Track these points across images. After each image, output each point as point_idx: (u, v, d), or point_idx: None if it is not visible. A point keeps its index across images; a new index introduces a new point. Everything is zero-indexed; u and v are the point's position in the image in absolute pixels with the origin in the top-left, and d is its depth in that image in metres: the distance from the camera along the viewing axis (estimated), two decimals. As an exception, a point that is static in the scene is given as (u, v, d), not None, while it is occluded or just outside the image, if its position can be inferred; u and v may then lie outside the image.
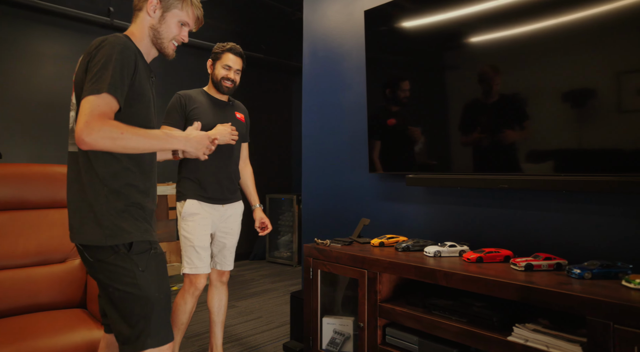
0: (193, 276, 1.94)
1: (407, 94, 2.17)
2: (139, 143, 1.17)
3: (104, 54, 1.17)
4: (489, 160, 1.83)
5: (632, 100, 1.47)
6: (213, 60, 2.08)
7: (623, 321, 1.15)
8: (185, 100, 2.01)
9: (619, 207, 1.56)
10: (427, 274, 1.61)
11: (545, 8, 1.64)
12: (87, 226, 1.20)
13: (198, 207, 1.97)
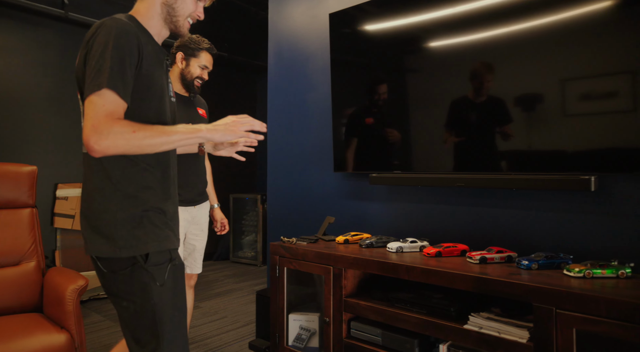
0: None
1: (371, 96, 2.24)
2: (155, 140, 1.03)
3: (100, 42, 1.03)
4: (447, 161, 1.94)
5: (574, 106, 1.61)
6: (187, 55, 1.94)
7: (564, 306, 1.27)
8: None
9: (562, 204, 1.70)
10: (390, 269, 1.69)
11: (496, 18, 1.76)
12: (99, 235, 1.07)
13: None
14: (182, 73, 1.95)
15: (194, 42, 1.94)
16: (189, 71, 1.94)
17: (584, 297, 1.24)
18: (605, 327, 1.20)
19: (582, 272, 1.39)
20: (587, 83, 1.57)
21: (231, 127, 1.16)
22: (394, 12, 2.09)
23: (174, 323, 1.11)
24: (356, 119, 2.30)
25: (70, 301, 1.59)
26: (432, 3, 1.94)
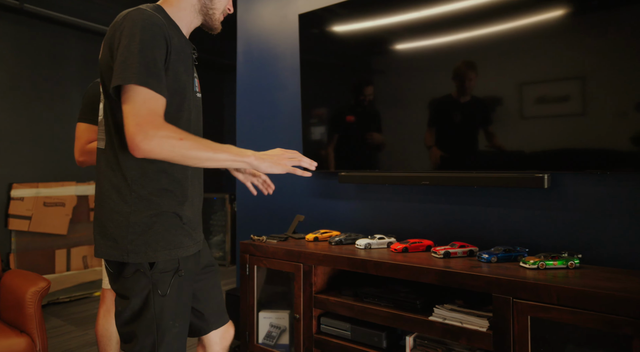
0: None
1: (340, 96, 2.29)
2: (201, 154, 0.98)
3: (127, 35, 0.97)
4: (413, 160, 2.01)
5: (530, 109, 1.71)
6: None
7: (520, 295, 1.36)
8: None
9: (519, 201, 1.81)
10: (359, 265, 1.73)
11: (458, 24, 1.84)
12: (107, 238, 1.04)
13: None
14: None
15: None
16: None
17: (537, 286, 1.33)
18: (556, 314, 1.30)
19: (536, 263, 1.49)
20: (542, 87, 1.68)
21: (279, 161, 1.11)
22: (362, 14, 2.14)
23: (172, 334, 1.06)
24: (326, 119, 2.34)
25: (30, 303, 1.53)
26: (397, 7, 2.01)
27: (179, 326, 1.09)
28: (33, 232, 3.57)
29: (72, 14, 3.86)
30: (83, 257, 3.88)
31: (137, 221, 1.03)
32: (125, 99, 0.95)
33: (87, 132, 1.66)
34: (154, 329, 1.03)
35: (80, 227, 3.90)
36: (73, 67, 4.00)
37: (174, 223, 1.07)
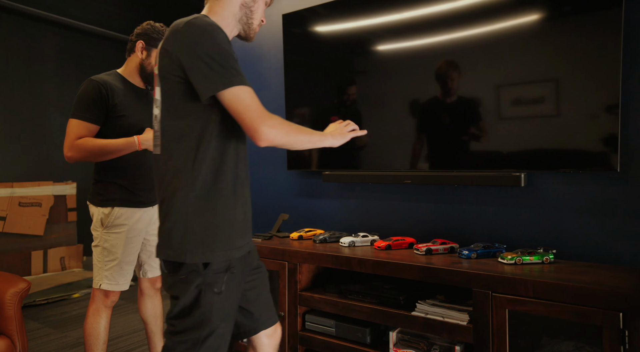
0: (112, 292, 1.74)
1: (323, 95, 2.32)
2: (302, 137, 1.12)
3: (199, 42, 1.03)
4: (395, 159, 2.05)
5: (508, 110, 1.78)
6: (148, 45, 1.78)
7: (498, 289, 1.41)
8: (107, 91, 1.69)
9: (497, 199, 1.87)
10: (343, 262, 1.76)
11: (437, 26, 1.89)
12: (167, 238, 1.08)
13: (127, 217, 1.74)
14: (141, 64, 1.80)
15: (157, 32, 1.80)
16: (149, 63, 1.79)
17: (515, 281, 1.39)
18: (532, 306, 1.35)
19: (514, 259, 1.55)
20: (518, 89, 1.74)
21: (343, 134, 1.29)
22: (345, 15, 2.17)
23: (217, 334, 1.09)
24: (309, 118, 2.37)
25: (10, 305, 1.51)
26: (379, 8, 2.05)
27: (224, 326, 1.11)
28: (8, 233, 3.47)
29: (49, 10, 3.77)
30: (61, 259, 3.79)
31: (199, 222, 1.07)
32: (232, 100, 1.04)
33: (77, 128, 1.67)
34: (201, 327, 1.07)
35: (57, 228, 3.81)
36: (49, 64, 3.90)
37: (230, 224, 1.11)
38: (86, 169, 4.08)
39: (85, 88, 1.71)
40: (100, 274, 1.73)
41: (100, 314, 1.75)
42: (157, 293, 1.97)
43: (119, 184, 1.75)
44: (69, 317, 2.96)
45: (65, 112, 3.96)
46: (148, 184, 1.83)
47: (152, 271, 1.93)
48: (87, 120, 1.67)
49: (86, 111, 1.68)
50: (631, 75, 1.59)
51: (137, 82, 1.85)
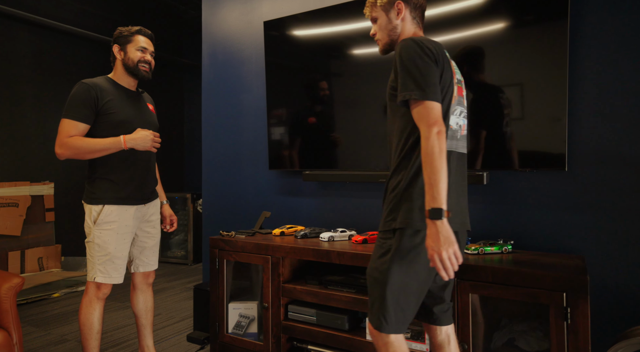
0: (104, 285, 1.83)
1: (304, 99, 2.45)
2: None
3: None
4: (370, 159, 2.21)
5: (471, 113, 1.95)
6: (121, 44, 1.89)
7: (463, 276, 1.58)
8: (96, 92, 1.78)
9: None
10: (323, 255, 1.90)
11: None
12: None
13: (117, 214, 1.82)
14: (124, 63, 1.89)
15: (125, 30, 1.91)
16: (129, 58, 1.88)
17: (477, 268, 1.56)
18: (491, 291, 1.53)
19: (477, 249, 1.72)
20: (482, 93, 1.92)
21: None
22: (323, 22, 2.31)
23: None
24: (290, 120, 2.49)
25: (6, 299, 1.57)
26: (352, 16, 2.20)
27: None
28: (-15, 233, 3.44)
29: (23, 9, 3.75)
30: (38, 259, 3.78)
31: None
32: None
33: (68, 127, 1.76)
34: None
35: (34, 228, 3.80)
36: (25, 63, 3.88)
37: None
38: (64, 169, 4.07)
39: (75, 90, 1.81)
40: (93, 268, 1.82)
41: (93, 305, 1.84)
42: (149, 288, 2.05)
43: (111, 180, 1.83)
44: (50, 315, 2.99)
45: (42, 112, 3.95)
46: (140, 182, 1.91)
47: (144, 266, 2.01)
48: (77, 120, 1.77)
49: (76, 111, 1.77)
50: (577, 85, 1.80)
51: (127, 84, 1.94)
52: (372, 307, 1.30)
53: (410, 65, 1.22)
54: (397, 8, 1.40)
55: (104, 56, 4.39)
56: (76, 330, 2.71)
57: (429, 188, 1.16)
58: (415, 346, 1.71)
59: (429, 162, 1.16)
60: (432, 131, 1.17)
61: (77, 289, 3.66)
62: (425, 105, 1.20)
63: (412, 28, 1.42)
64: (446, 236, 1.14)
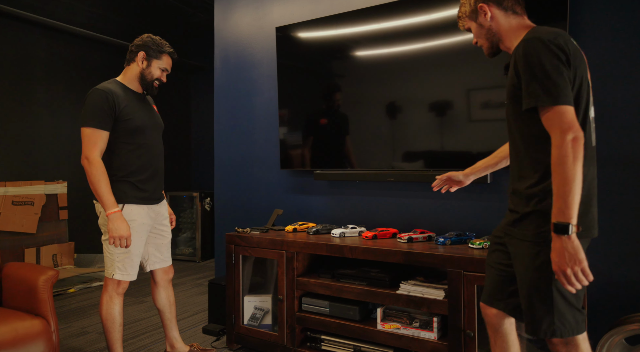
0: (123, 281, 1.90)
1: (314, 101, 2.56)
2: None
3: None
4: (380, 159, 2.32)
5: (477, 113, 2.07)
6: (149, 55, 1.93)
7: (469, 269, 1.70)
8: (113, 99, 1.83)
9: (468, 193, 2.16)
10: (336, 250, 2.02)
11: (413, 35, 2.17)
12: None
13: (136, 213, 1.89)
14: (142, 73, 1.95)
15: (157, 44, 1.95)
16: (149, 72, 1.94)
17: (481, 261, 1.68)
18: (496, 281, 1.64)
19: (481, 244, 1.84)
20: (487, 93, 2.04)
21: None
22: (332, 27, 2.43)
23: None
24: (301, 122, 2.61)
25: (43, 289, 1.68)
26: (360, 21, 2.31)
27: None
28: (1, 231, 3.55)
29: (37, 12, 3.86)
30: (53, 256, 3.89)
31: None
32: None
33: (93, 136, 1.81)
34: None
35: (49, 226, 3.91)
36: (39, 66, 3.98)
37: None
38: (76, 169, 4.17)
39: (92, 97, 1.84)
40: (112, 265, 1.89)
41: (113, 300, 1.92)
42: (170, 283, 2.13)
43: (130, 182, 1.91)
44: (68, 310, 3.10)
45: (55, 113, 4.06)
46: (156, 183, 2.01)
47: (161, 262, 2.08)
48: (100, 128, 1.81)
49: (98, 119, 1.81)
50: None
51: (135, 88, 1.98)
52: None
53: (536, 67, 1.13)
54: (482, 11, 1.33)
55: (112, 57, 4.50)
56: (95, 323, 2.82)
57: (558, 200, 1.09)
58: (424, 334, 1.83)
59: (560, 171, 1.08)
60: (566, 138, 1.09)
61: (91, 285, 3.77)
62: (556, 110, 1.11)
63: (510, 21, 1.32)
64: (572, 252, 1.08)
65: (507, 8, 1.32)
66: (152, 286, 2.13)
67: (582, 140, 1.09)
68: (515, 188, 1.28)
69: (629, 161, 1.83)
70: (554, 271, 1.11)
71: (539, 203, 1.19)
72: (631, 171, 1.83)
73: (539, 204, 1.19)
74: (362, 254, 1.95)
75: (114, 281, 1.91)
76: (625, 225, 1.84)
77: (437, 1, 2.12)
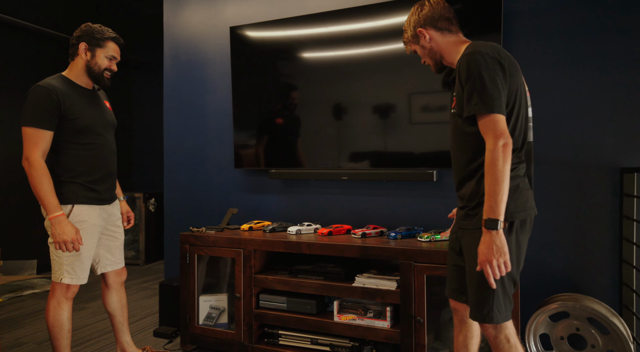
0: (72, 285, 1.81)
1: (268, 100, 2.60)
2: None
3: None
4: (333, 158, 2.41)
5: (418, 116, 2.23)
6: (91, 45, 1.82)
7: (418, 260, 1.84)
8: (58, 97, 1.72)
9: (415, 191, 2.32)
10: (294, 247, 2.07)
11: (359, 40, 2.30)
12: None
13: (87, 213, 1.81)
14: (87, 65, 1.83)
15: (97, 32, 1.82)
16: (95, 63, 1.83)
17: (430, 252, 1.82)
18: (441, 271, 1.79)
19: (429, 237, 1.99)
20: (426, 97, 2.20)
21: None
22: (286, 29, 2.49)
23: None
24: (255, 121, 2.63)
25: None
26: (313, 25, 2.40)
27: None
28: None
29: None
30: (-23, 264, 3.55)
31: None
32: None
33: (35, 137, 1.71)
34: None
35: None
36: None
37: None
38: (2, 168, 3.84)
39: (35, 95, 1.72)
40: (60, 269, 1.79)
41: (62, 306, 1.82)
42: (122, 285, 2.06)
43: (80, 183, 1.82)
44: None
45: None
46: (108, 184, 1.93)
47: (112, 265, 2.00)
48: (42, 128, 1.70)
49: (40, 118, 1.70)
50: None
51: (84, 83, 1.88)
52: None
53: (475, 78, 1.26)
54: (422, 34, 1.47)
55: (48, 50, 4.20)
56: (31, 333, 2.63)
57: (489, 198, 1.22)
58: (378, 323, 1.94)
59: (492, 173, 1.22)
60: (498, 143, 1.22)
61: (21, 293, 3.49)
62: (491, 118, 1.24)
63: (447, 39, 1.46)
64: (499, 246, 1.21)
65: (443, 29, 1.45)
66: (102, 289, 2.05)
67: (511, 146, 1.23)
68: (461, 186, 1.42)
69: (558, 160, 2.08)
70: (480, 262, 1.24)
71: (482, 196, 1.31)
72: (558, 169, 2.08)
73: (483, 197, 1.31)
74: (320, 249, 2.02)
75: (62, 286, 1.81)
76: (552, 217, 2.08)
77: (382, 10, 2.25)
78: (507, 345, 1.32)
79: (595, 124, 2.02)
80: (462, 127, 1.37)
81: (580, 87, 2.04)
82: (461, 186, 1.42)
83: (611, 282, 1.99)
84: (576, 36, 2.04)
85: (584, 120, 2.04)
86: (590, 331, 1.79)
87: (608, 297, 1.98)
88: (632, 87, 1.96)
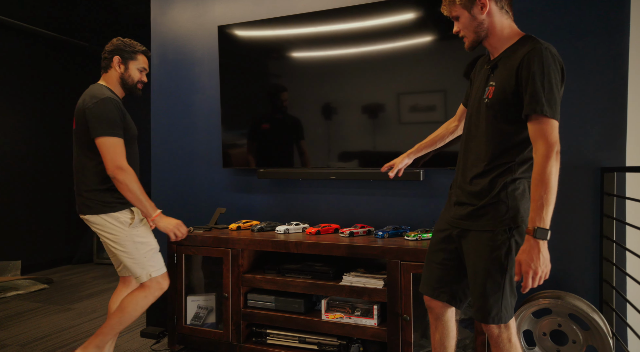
0: (161, 277, 1.90)
1: (258, 100, 2.60)
2: None
3: None
4: (322, 158, 2.43)
5: (406, 116, 2.25)
6: (124, 58, 1.99)
7: (405, 258, 1.86)
8: (121, 107, 1.90)
9: (403, 190, 2.35)
10: (282, 246, 2.08)
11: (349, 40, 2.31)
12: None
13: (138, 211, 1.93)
14: (122, 77, 2.00)
15: (129, 45, 2.01)
16: (129, 75, 2.00)
17: (416, 251, 1.85)
18: (429, 269, 1.82)
19: (415, 236, 2.02)
20: (415, 98, 2.22)
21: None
22: (275, 28, 2.49)
23: None
24: (244, 120, 2.63)
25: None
26: (301, 24, 2.41)
27: None
28: None
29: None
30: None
31: None
32: None
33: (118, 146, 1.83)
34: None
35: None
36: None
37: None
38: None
39: (107, 107, 1.84)
40: (144, 268, 1.86)
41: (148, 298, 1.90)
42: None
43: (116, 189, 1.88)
44: (-18, 323, 2.81)
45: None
46: None
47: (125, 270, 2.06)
48: (120, 136, 1.84)
49: (118, 128, 1.85)
50: (494, 98, 2.16)
51: (120, 94, 2.03)
52: None
53: (545, 78, 1.19)
54: (481, 2, 1.29)
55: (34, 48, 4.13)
56: (15, 335, 2.60)
57: (541, 207, 1.17)
58: (365, 321, 1.96)
59: (545, 181, 1.17)
60: (554, 150, 1.17)
61: (5, 295, 3.43)
62: (551, 123, 1.19)
63: (503, 20, 1.33)
64: (546, 256, 1.19)
65: (503, 5, 1.32)
66: (120, 286, 2.07)
67: None
68: (471, 182, 1.36)
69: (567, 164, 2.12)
70: (524, 271, 1.19)
71: (496, 196, 1.29)
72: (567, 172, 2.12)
73: (496, 197, 1.29)
74: (308, 248, 2.03)
75: (155, 280, 1.88)
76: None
77: (372, 10, 2.27)
78: (508, 345, 1.34)
79: (577, 124, 2.06)
80: (496, 123, 1.31)
81: (563, 88, 2.08)
82: (471, 181, 1.36)
83: (592, 279, 2.04)
84: (557, 37, 2.08)
85: (565, 121, 2.08)
86: (572, 326, 1.84)
87: (589, 294, 2.03)
88: (612, 89, 2.01)
